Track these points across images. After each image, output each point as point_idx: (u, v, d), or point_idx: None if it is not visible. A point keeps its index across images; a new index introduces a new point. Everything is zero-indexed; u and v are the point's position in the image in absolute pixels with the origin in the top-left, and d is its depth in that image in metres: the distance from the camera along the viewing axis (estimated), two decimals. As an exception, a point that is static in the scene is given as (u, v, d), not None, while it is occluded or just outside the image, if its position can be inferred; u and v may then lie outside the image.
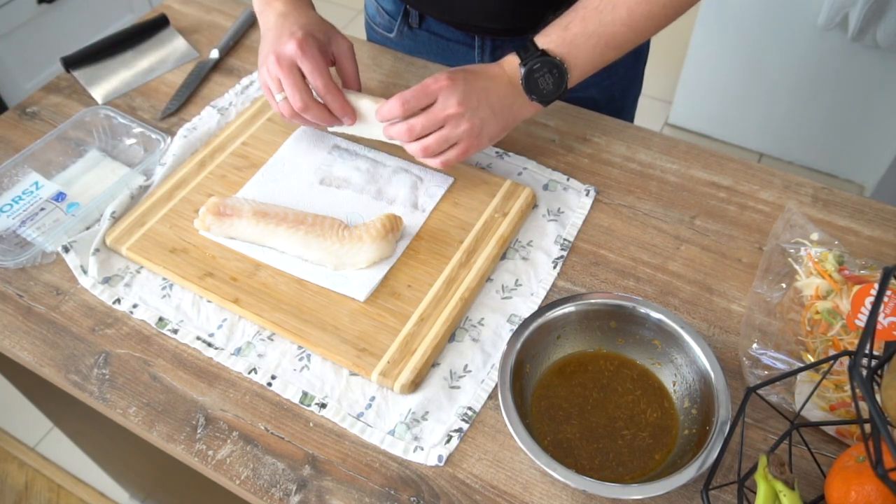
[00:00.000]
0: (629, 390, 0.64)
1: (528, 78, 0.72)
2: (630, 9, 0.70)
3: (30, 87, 2.11)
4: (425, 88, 0.70)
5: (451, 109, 0.69)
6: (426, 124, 0.70)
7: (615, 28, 0.71)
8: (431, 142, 0.71)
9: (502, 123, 0.73)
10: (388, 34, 1.01)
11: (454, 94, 0.69)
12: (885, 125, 1.92)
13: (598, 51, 0.72)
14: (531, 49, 0.72)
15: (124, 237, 0.76)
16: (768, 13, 1.86)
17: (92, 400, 0.67)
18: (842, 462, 0.52)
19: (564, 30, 0.71)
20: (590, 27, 0.71)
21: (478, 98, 0.70)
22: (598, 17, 0.70)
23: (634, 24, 0.70)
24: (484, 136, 0.72)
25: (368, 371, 0.65)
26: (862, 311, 0.62)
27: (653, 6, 0.70)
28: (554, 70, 0.71)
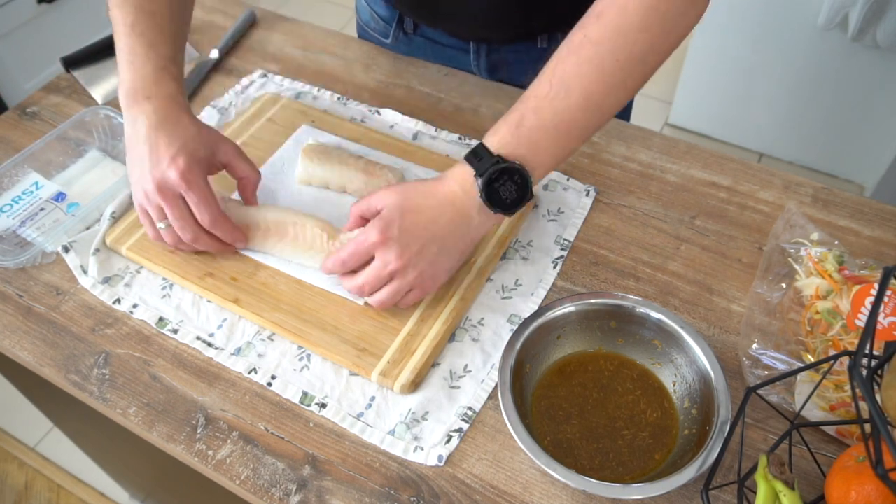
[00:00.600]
0: (629, 390, 0.64)
1: (488, 190, 0.62)
2: (585, 90, 0.62)
3: (30, 87, 2.11)
4: (359, 247, 0.64)
5: (392, 265, 0.63)
6: (372, 282, 0.64)
7: (573, 114, 0.62)
8: (384, 297, 0.65)
9: (457, 254, 0.66)
10: (385, 39, 1.01)
11: (390, 249, 0.63)
12: (885, 125, 1.92)
13: (559, 143, 0.64)
14: (483, 155, 0.62)
15: (124, 237, 0.76)
16: (768, 13, 1.86)
17: (92, 400, 0.67)
18: (842, 462, 0.52)
19: (518, 127, 0.62)
20: (545, 118, 0.62)
21: (420, 242, 0.63)
22: (552, 105, 0.62)
23: (593, 105, 0.63)
24: (440, 273, 0.66)
25: (368, 371, 0.65)
26: (862, 311, 0.62)
27: (608, 83, 0.62)
28: (515, 176, 0.62)
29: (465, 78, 0.95)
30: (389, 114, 0.90)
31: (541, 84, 0.63)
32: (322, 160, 0.79)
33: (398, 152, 0.84)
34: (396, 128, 0.89)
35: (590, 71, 0.61)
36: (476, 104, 0.91)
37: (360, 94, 0.93)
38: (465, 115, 0.90)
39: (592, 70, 0.61)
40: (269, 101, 0.91)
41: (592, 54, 0.61)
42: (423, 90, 0.94)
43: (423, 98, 0.93)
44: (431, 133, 0.87)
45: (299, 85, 0.95)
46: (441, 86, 0.94)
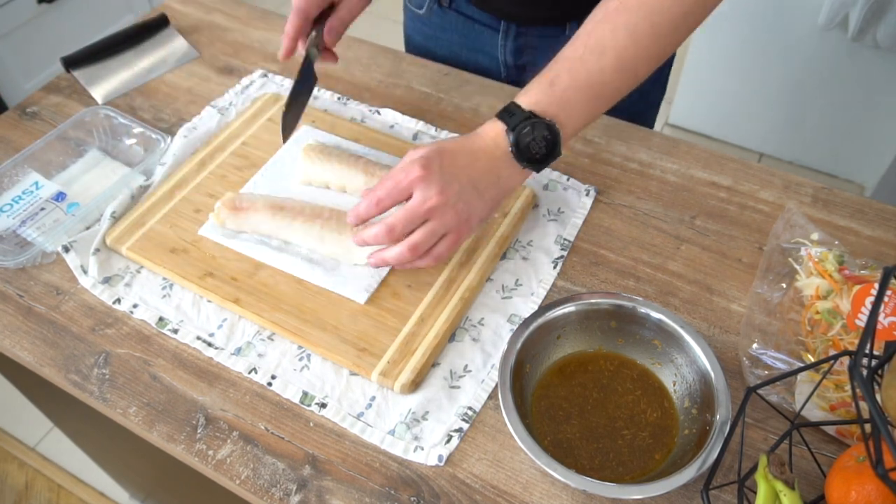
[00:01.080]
0: (629, 390, 0.64)
1: (518, 144, 0.63)
2: (618, 54, 0.63)
3: (30, 87, 2.11)
4: (398, 184, 0.63)
5: (431, 201, 0.62)
6: (407, 221, 0.63)
7: (605, 76, 0.64)
8: (419, 238, 0.63)
9: (491, 203, 0.66)
10: (419, 10, 1.02)
11: (432, 184, 0.62)
12: (885, 125, 1.92)
13: (590, 104, 0.65)
14: (516, 112, 0.64)
15: (124, 237, 0.76)
16: (768, 13, 1.86)
17: (92, 400, 0.67)
18: (842, 462, 0.52)
19: (551, 85, 0.64)
20: (580, 79, 0.64)
21: (459, 181, 0.63)
22: (585, 66, 0.64)
23: (626, 68, 0.64)
24: (473, 220, 0.65)
25: (368, 371, 0.65)
26: (862, 310, 0.62)
27: (641, 48, 0.64)
28: (546, 132, 0.63)
29: (466, 78, 0.95)
30: (389, 114, 0.90)
31: (575, 47, 0.65)
32: (322, 160, 0.79)
33: (398, 152, 0.84)
34: (396, 128, 0.89)
35: (624, 36, 0.63)
36: (476, 104, 0.91)
37: (360, 94, 0.93)
38: (465, 115, 0.90)
39: (627, 35, 0.63)
40: (269, 101, 0.91)
41: (627, 20, 0.63)
42: (423, 90, 0.94)
43: (423, 98, 0.93)
44: (431, 133, 0.87)
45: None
46: (441, 86, 0.94)
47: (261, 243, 0.75)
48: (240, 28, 1.04)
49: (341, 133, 0.86)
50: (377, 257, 0.67)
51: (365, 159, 0.79)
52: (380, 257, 0.66)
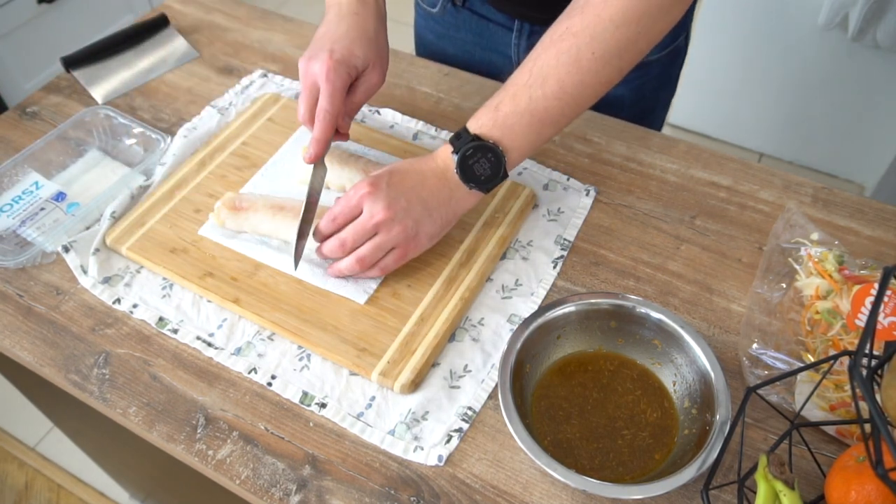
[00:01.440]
0: (629, 390, 0.64)
1: (463, 165, 0.66)
2: (560, 80, 0.64)
3: (30, 87, 2.11)
4: (349, 200, 0.67)
5: (378, 216, 0.65)
6: (356, 236, 0.67)
7: (547, 103, 0.65)
8: (365, 252, 0.67)
9: (440, 221, 0.68)
10: (432, 9, 1.02)
11: (378, 200, 0.65)
12: (885, 125, 1.92)
13: (533, 129, 0.67)
14: (463, 135, 0.67)
15: (124, 237, 0.76)
16: (768, 13, 1.86)
17: (92, 400, 0.67)
18: (842, 462, 0.52)
19: (495, 111, 0.66)
20: (521, 105, 0.65)
21: (406, 199, 0.66)
22: (528, 92, 0.65)
23: (567, 96, 0.65)
24: (421, 236, 0.68)
25: (368, 371, 0.65)
26: (862, 310, 0.62)
27: (584, 75, 0.64)
28: (489, 154, 0.66)
29: (466, 78, 0.95)
30: (389, 114, 0.90)
31: (521, 72, 0.66)
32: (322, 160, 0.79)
33: (398, 152, 0.84)
34: (396, 128, 0.89)
35: (566, 62, 0.64)
36: (476, 104, 0.91)
37: (360, 94, 0.93)
38: (465, 115, 0.90)
39: (569, 61, 0.64)
40: (269, 101, 0.91)
41: (570, 46, 0.64)
42: (424, 90, 0.94)
43: (424, 98, 0.93)
44: (431, 133, 0.87)
45: (299, 85, 0.95)
46: (441, 86, 0.94)
47: (261, 243, 0.75)
48: (240, 28, 1.04)
49: (341, 133, 0.86)
50: (332, 269, 0.71)
51: (365, 159, 0.79)
52: (334, 269, 0.70)
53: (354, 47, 0.72)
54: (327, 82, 0.70)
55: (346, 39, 0.72)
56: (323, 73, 0.70)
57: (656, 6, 0.63)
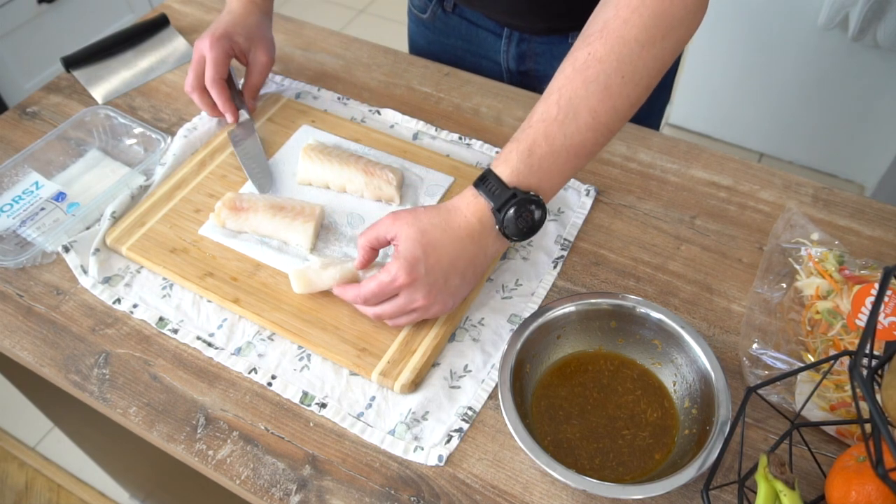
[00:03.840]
0: (629, 390, 0.64)
1: (508, 224, 0.62)
2: (593, 110, 0.61)
3: (30, 87, 2.11)
4: (385, 288, 0.63)
5: (418, 303, 0.63)
6: (394, 314, 0.65)
7: (583, 136, 0.62)
8: (403, 322, 0.66)
9: (474, 280, 0.66)
10: (423, 15, 1.02)
11: (418, 291, 0.62)
12: (885, 125, 1.92)
13: (569, 166, 0.63)
14: (497, 187, 0.62)
15: (124, 237, 0.76)
16: (768, 13, 1.86)
17: (92, 400, 0.67)
18: (842, 462, 0.52)
19: (530, 155, 0.62)
20: (556, 143, 0.61)
21: (445, 279, 0.63)
22: (562, 129, 0.61)
23: (601, 126, 0.62)
24: (458, 299, 0.66)
25: (368, 371, 0.65)
26: (862, 310, 0.62)
27: (615, 100, 0.61)
28: (531, 206, 0.62)
29: (466, 78, 0.95)
30: (389, 114, 0.90)
31: (548, 106, 0.62)
32: (322, 160, 0.79)
33: (398, 152, 0.84)
34: (396, 128, 0.89)
35: (597, 90, 0.61)
36: (476, 104, 0.91)
37: (361, 94, 0.93)
38: (465, 115, 0.90)
39: (599, 89, 0.61)
40: (269, 101, 0.91)
41: (598, 72, 0.61)
42: (424, 90, 0.94)
43: (424, 98, 0.93)
44: (431, 133, 0.87)
45: (299, 85, 0.95)
46: (441, 86, 0.94)
47: (261, 243, 0.75)
48: (240, 28, 1.04)
49: (341, 133, 0.86)
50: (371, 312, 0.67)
51: (365, 159, 0.79)
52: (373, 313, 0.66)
53: (234, 28, 0.86)
54: (210, 51, 0.83)
55: (228, 24, 0.86)
56: (207, 45, 0.83)
57: (678, 20, 0.61)
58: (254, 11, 0.89)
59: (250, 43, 0.87)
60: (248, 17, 0.88)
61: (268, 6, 0.92)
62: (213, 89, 0.84)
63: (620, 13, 0.60)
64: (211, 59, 0.83)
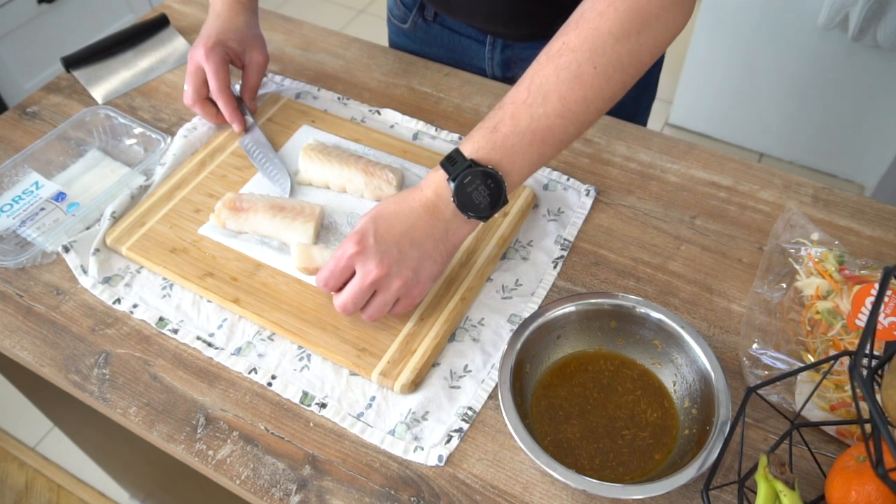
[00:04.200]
0: (629, 390, 0.64)
1: (460, 194, 0.61)
2: (562, 97, 0.61)
3: (30, 87, 2.11)
4: (338, 263, 0.63)
5: (372, 274, 0.62)
6: (356, 299, 0.63)
7: (550, 121, 0.61)
8: (372, 311, 0.65)
9: (440, 259, 0.65)
10: (403, 25, 1.02)
11: (369, 258, 0.62)
12: (885, 125, 1.92)
13: (534, 149, 0.63)
14: (458, 160, 0.62)
15: (124, 237, 0.76)
16: (768, 13, 1.86)
17: (92, 400, 0.67)
18: (842, 462, 0.52)
19: (493, 132, 0.62)
20: (521, 124, 0.61)
21: (399, 248, 0.62)
22: (529, 111, 0.61)
23: (570, 113, 0.62)
24: (424, 281, 0.65)
25: (368, 371, 0.65)
26: (862, 311, 0.62)
27: (586, 90, 0.61)
28: (488, 180, 0.61)
29: (466, 78, 0.95)
30: (389, 114, 0.90)
31: (519, 90, 0.62)
32: (322, 160, 0.79)
33: (398, 152, 0.84)
34: (396, 128, 0.89)
35: (567, 78, 0.61)
36: (476, 104, 0.91)
37: (361, 94, 0.93)
38: (465, 115, 0.90)
39: (570, 77, 0.61)
40: (269, 101, 0.91)
41: (570, 61, 0.61)
42: (424, 90, 0.94)
43: (424, 98, 0.93)
44: (431, 133, 0.87)
45: (299, 85, 0.95)
46: (441, 86, 0.94)
47: (261, 243, 0.75)
48: (240, 28, 1.04)
49: (341, 133, 0.86)
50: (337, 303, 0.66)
51: (365, 159, 0.79)
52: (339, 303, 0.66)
53: (226, 34, 0.84)
54: (208, 62, 0.82)
55: (218, 30, 0.84)
56: (202, 56, 0.81)
57: (654, 17, 0.60)
58: (241, 11, 0.87)
59: (244, 45, 0.86)
60: (236, 18, 0.86)
61: (253, 4, 0.90)
62: (219, 99, 0.83)
63: (597, 6, 0.61)
64: (210, 69, 0.82)
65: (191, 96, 0.84)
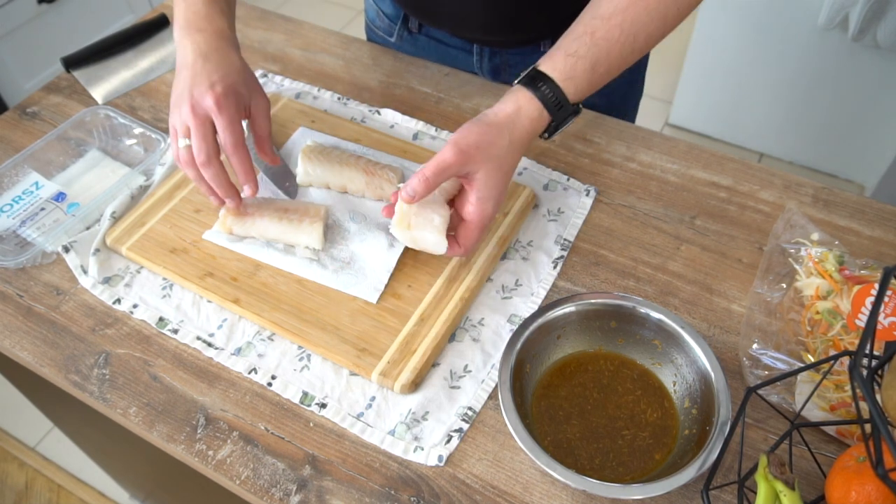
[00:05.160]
0: (629, 390, 0.64)
1: (552, 133, 0.68)
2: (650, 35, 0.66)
3: (30, 87, 2.11)
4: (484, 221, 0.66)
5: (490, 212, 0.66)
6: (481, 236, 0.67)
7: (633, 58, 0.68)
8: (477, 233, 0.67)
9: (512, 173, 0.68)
10: (389, 38, 1.01)
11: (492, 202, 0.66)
12: (885, 125, 1.92)
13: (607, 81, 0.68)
14: (560, 102, 0.65)
15: (124, 237, 0.76)
16: (768, 13, 1.86)
17: (92, 400, 0.67)
18: (842, 462, 0.52)
19: (592, 73, 0.66)
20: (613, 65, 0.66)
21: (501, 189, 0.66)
22: (622, 51, 0.66)
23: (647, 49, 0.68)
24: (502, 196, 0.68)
25: (368, 371, 0.65)
26: (862, 311, 0.62)
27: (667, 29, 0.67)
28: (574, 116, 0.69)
29: (466, 78, 0.95)
30: (389, 114, 0.90)
31: (611, 28, 0.65)
32: (322, 161, 0.79)
33: (398, 152, 0.84)
34: (397, 128, 0.89)
35: (657, 17, 0.65)
36: (476, 104, 0.91)
37: (361, 94, 0.93)
38: (465, 115, 0.90)
39: (659, 17, 0.65)
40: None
41: (658, 1, 0.65)
42: (424, 90, 0.94)
43: (424, 98, 0.93)
44: (432, 133, 0.87)
45: (299, 85, 0.95)
46: (441, 86, 0.94)
47: (267, 246, 0.74)
48: (239, 28, 1.04)
49: (341, 133, 0.86)
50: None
51: (365, 159, 0.79)
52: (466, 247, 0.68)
53: (230, 76, 0.69)
54: (221, 114, 0.67)
55: (221, 73, 0.69)
56: (213, 106, 0.67)
57: None
58: (231, 49, 0.72)
59: (250, 90, 0.72)
60: (230, 56, 0.72)
61: (236, 38, 0.75)
62: (235, 157, 0.69)
63: None
64: (224, 122, 0.67)
65: (205, 153, 0.67)
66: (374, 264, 0.72)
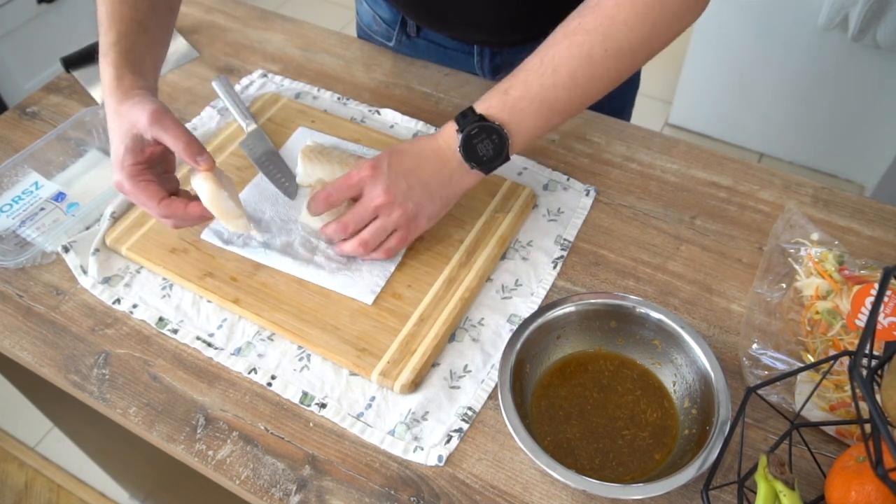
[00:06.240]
0: (629, 390, 0.64)
1: (467, 144, 0.67)
2: (572, 72, 0.66)
3: (30, 87, 2.11)
4: (348, 180, 0.68)
5: (378, 199, 0.66)
6: (357, 219, 0.68)
7: (557, 92, 0.66)
8: (367, 235, 0.68)
9: (440, 201, 0.69)
10: (387, 42, 1.01)
11: (378, 183, 0.66)
12: (885, 125, 1.92)
13: (541, 115, 0.68)
14: (469, 115, 0.67)
15: (124, 237, 0.76)
16: (768, 13, 1.86)
17: (92, 400, 0.67)
18: (842, 462, 0.52)
19: (504, 94, 0.67)
20: (532, 90, 0.66)
21: (406, 181, 0.67)
22: (539, 80, 0.66)
23: (577, 87, 0.67)
24: (422, 217, 0.69)
25: (368, 371, 0.65)
26: (862, 311, 0.62)
27: (595, 69, 0.66)
28: (493, 136, 0.67)
29: (466, 78, 0.95)
30: (389, 114, 0.90)
31: (533, 60, 0.67)
32: (322, 161, 0.79)
33: (398, 152, 0.84)
34: (396, 128, 0.89)
35: (579, 56, 0.65)
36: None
37: (360, 94, 0.93)
38: (465, 115, 0.90)
39: (581, 55, 0.65)
40: (269, 100, 0.91)
41: (583, 41, 0.65)
42: (424, 90, 0.94)
43: (424, 98, 0.93)
44: (431, 133, 0.87)
45: (299, 85, 0.95)
46: (441, 86, 0.94)
47: (263, 247, 0.74)
48: (239, 28, 1.04)
49: (341, 133, 0.86)
50: (338, 248, 0.71)
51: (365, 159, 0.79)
52: (340, 249, 0.71)
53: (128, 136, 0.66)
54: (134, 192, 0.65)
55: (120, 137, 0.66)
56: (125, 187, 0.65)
57: (671, 11, 0.64)
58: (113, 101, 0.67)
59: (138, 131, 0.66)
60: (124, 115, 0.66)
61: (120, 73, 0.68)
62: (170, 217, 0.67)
63: None
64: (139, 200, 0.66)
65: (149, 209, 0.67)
66: (371, 265, 0.72)
